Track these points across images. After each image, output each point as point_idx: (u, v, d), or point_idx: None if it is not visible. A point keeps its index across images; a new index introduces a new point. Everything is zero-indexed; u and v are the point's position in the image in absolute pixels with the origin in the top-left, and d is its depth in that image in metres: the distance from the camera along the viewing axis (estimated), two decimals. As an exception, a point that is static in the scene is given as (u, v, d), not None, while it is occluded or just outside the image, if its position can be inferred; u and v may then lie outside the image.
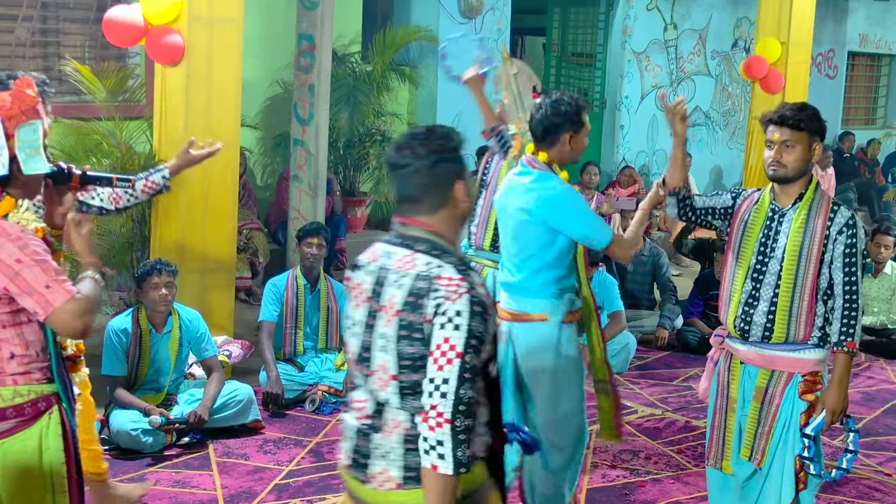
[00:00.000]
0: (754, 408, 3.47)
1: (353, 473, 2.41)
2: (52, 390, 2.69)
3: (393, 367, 2.29)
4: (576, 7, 11.41)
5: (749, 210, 3.51)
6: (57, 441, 2.68)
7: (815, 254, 3.35)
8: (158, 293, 4.91)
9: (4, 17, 7.24)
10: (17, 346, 2.62)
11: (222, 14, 5.72)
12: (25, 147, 2.58)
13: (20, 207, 2.66)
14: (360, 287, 2.41)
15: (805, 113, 3.37)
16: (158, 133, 5.80)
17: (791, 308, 3.38)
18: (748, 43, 11.97)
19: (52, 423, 2.68)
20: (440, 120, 9.60)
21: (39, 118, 2.63)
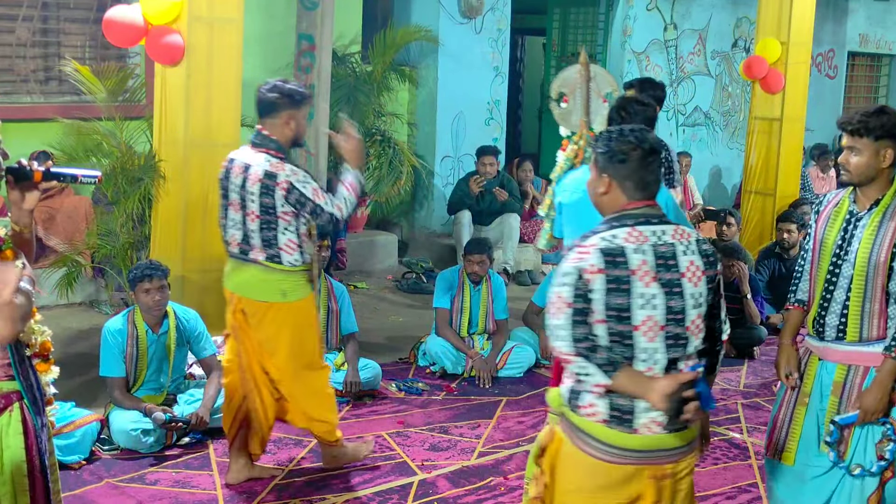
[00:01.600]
0: (833, 402, 3.49)
1: (674, 427, 2.77)
2: (11, 388, 2.65)
3: (705, 316, 2.83)
4: (576, 7, 11.41)
5: (830, 213, 3.55)
6: (17, 439, 2.66)
7: (884, 260, 3.36)
8: (151, 298, 4.89)
9: (4, 17, 7.24)
10: None
11: (222, 14, 5.72)
12: None
13: None
14: (644, 267, 2.73)
15: (872, 119, 3.37)
16: (158, 133, 5.80)
17: (862, 312, 3.41)
18: (748, 43, 11.96)
19: (12, 421, 2.65)
20: (440, 120, 9.60)
21: None
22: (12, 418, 2.66)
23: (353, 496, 4.44)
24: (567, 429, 2.82)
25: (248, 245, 4.25)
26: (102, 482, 4.48)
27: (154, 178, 5.73)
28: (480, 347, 6.29)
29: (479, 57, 9.78)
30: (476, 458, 4.94)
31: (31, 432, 2.70)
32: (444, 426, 5.35)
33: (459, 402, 5.79)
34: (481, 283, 6.37)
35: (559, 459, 2.85)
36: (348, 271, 8.39)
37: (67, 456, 4.58)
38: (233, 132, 5.93)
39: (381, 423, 5.36)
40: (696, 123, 11.99)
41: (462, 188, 8.80)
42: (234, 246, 4.30)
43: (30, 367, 2.77)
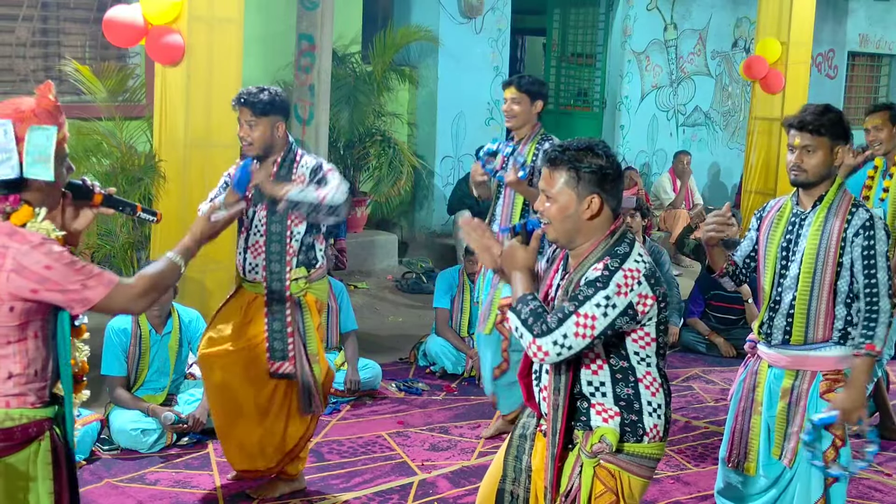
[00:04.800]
0: (782, 407, 3.47)
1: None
2: (45, 415, 2.56)
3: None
4: (576, 7, 11.41)
5: (773, 217, 3.54)
6: (45, 469, 2.56)
7: (832, 256, 3.34)
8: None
9: (4, 17, 7.24)
10: (16, 365, 2.51)
11: (222, 14, 5.72)
12: (33, 151, 2.52)
13: (38, 216, 2.56)
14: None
15: (826, 117, 3.35)
16: (158, 133, 5.80)
17: (809, 311, 3.40)
18: (748, 43, 11.97)
19: (41, 451, 2.56)
20: (440, 120, 9.60)
21: (55, 124, 2.57)
22: (41, 447, 2.56)
23: (353, 496, 4.44)
24: (625, 463, 2.72)
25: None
26: (102, 482, 4.47)
27: (154, 178, 5.73)
28: (480, 347, 6.29)
29: (479, 57, 9.79)
30: (476, 458, 4.94)
31: (62, 460, 2.61)
32: (444, 426, 5.35)
33: (459, 402, 5.79)
34: None
35: (629, 499, 2.74)
36: (348, 271, 8.39)
37: (67, 456, 4.58)
38: (233, 132, 5.88)
39: (381, 423, 5.36)
40: (696, 123, 12.00)
41: (462, 188, 8.79)
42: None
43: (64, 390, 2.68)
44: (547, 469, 2.76)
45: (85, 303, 2.47)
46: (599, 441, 2.69)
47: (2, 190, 2.50)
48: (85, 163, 5.99)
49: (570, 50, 11.55)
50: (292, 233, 4.16)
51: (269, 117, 4.10)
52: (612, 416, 2.70)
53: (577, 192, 2.66)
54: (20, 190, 2.51)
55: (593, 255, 2.68)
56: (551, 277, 2.84)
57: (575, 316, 2.57)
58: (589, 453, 2.70)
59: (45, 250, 2.44)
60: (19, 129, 2.49)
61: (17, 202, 2.51)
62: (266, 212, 4.15)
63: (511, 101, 4.99)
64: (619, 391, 2.70)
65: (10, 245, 2.43)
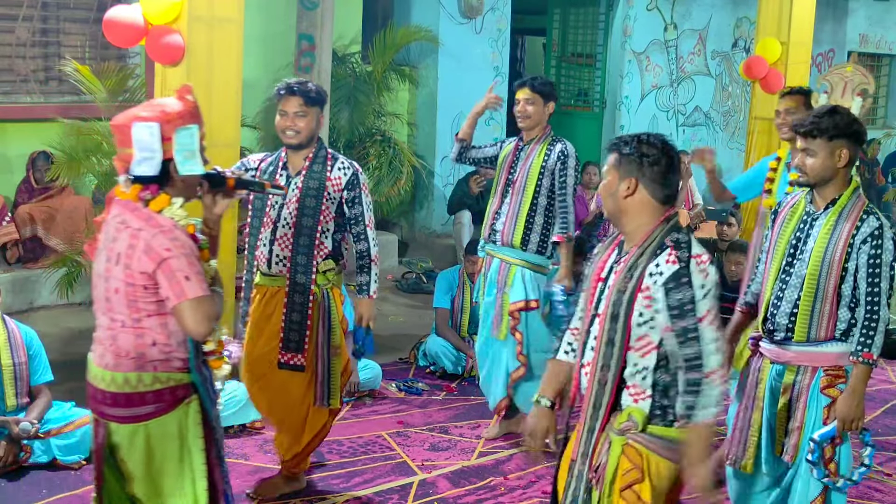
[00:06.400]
0: (783, 404, 3.50)
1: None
2: (189, 380, 2.85)
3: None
4: (576, 7, 11.41)
5: (786, 213, 3.56)
6: (196, 428, 2.86)
7: (838, 260, 3.36)
8: None
9: (4, 17, 7.24)
10: (159, 335, 2.79)
11: (222, 14, 5.71)
12: (182, 149, 2.79)
13: (173, 205, 2.82)
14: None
15: (824, 120, 3.37)
16: (158, 133, 5.80)
17: (812, 311, 3.42)
18: (748, 43, 11.96)
19: (191, 411, 2.86)
20: (440, 120, 9.60)
21: (196, 122, 2.86)
22: (191, 408, 2.86)
23: (353, 496, 4.44)
24: (653, 444, 2.77)
25: None
26: (102, 482, 4.47)
27: (154, 178, 5.73)
28: (480, 347, 6.28)
29: (479, 57, 9.79)
30: (476, 458, 4.94)
31: (208, 423, 2.89)
32: (444, 426, 5.35)
33: (459, 402, 5.79)
34: None
35: (656, 479, 2.78)
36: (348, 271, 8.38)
37: (67, 456, 4.58)
38: (233, 132, 5.92)
39: (381, 423, 5.36)
40: (696, 123, 11.99)
41: (462, 188, 8.80)
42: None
43: (203, 363, 2.92)
44: (580, 441, 2.84)
45: (180, 295, 2.70)
46: (627, 419, 2.78)
47: (145, 180, 2.78)
48: (85, 163, 5.99)
49: (570, 50, 11.55)
50: (323, 229, 4.21)
51: (316, 108, 4.19)
52: (643, 398, 2.78)
53: (619, 174, 2.82)
54: (161, 182, 2.80)
55: (650, 240, 2.78)
56: (604, 259, 2.92)
57: (700, 323, 2.71)
58: (617, 431, 2.78)
59: (171, 236, 2.73)
60: (166, 129, 2.78)
61: (155, 191, 2.80)
62: (297, 205, 4.19)
63: (525, 101, 5.02)
64: (658, 376, 2.77)
65: (145, 228, 2.74)
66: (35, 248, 7.10)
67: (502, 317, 5.01)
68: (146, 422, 2.82)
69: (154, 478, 2.87)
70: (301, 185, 4.18)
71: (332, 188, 4.20)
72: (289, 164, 4.26)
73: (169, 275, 2.70)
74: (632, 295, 2.74)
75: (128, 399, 2.82)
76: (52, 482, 4.45)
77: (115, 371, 2.83)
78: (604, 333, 2.80)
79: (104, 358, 2.86)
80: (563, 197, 4.96)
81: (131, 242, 2.75)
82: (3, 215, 6.94)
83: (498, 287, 5.03)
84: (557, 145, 4.98)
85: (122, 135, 2.82)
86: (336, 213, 4.25)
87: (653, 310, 2.73)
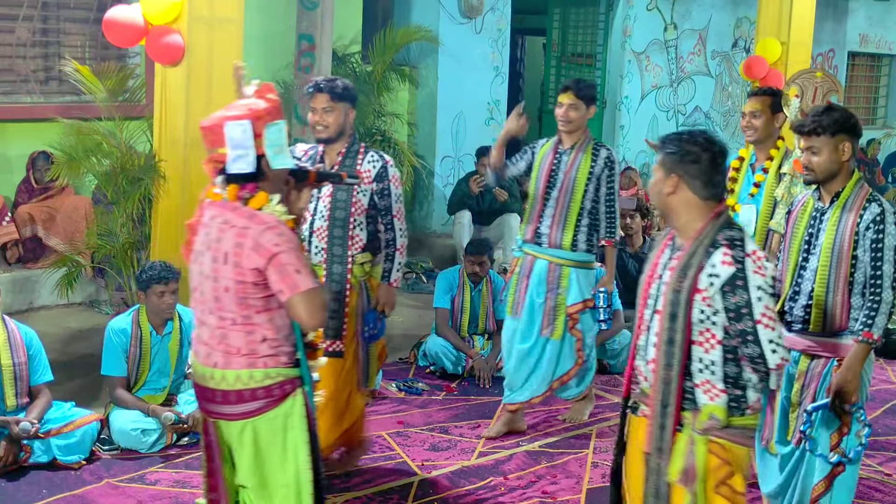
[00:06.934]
0: (796, 389, 3.65)
1: None
2: (296, 374, 2.95)
3: None
4: (576, 7, 11.41)
5: (798, 212, 3.72)
6: (301, 422, 2.94)
7: (847, 250, 3.52)
8: (164, 301, 4.90)
9: (4, 17, 7.24)
10: (268, 331, 2.88)
11: (222, 14, 5.71)
12: (272, 145, 2.90)
13: (272, 201, 2.93)
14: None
15: (823, 117, 3.52)
16: (158, 133, 5.80)
17: (826, 302, 3.57)
18: (748, 43, 11.96)
19: (296, 405, 2.94)
20: (440, 120, 9.60)
21: (282, 118, 2.95)
22: (296, 402, 2.94)
23: (353, 496, 4.44)
24: (734, 436, 2.85)
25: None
26: (102, 482, 4.48)
27: (154, 178, 5.73)
28: (480, 347, 6.29)
29: (479, 57, 9.79)
30: (476, 458, 4.94)
31: (311, 415, 2.97)
32: (444, 426, 5.35)
33: (459, 402, 5.79)
34: (481, 283, 6.37)
35: (739, 468, 2.88)
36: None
37: (67, 456, 4.59)
38: (233, 132, 5.92)
39: (381, 423, 5.36)
40: (696, 123, 11.98)
41: (462, 188, 8.80)
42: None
43: (305, 355, 3.02)
44: (652, 437, 2.89)
45: (293, 288, 2.79)
46: (709, 418, 2.82)
47: (240, 179, 2.89)
48: (85, 163, 5.99)
49: (570, 50, 11.55)
50: (356, 221, 4.39)
51: (344, 103, 4.37)
52: (717, 394, 2.83)
53: (663, 171, 2.89)
54: (256, 179, 2.90)
55: (702, 237, 2.83)
56: (658, 255, 2.99)
57: (758, 325, 2.76)
58: (700, 431, 2.83)
59: (277, 231, 2.82)
60: (257, 126, 2.87)
61: (253, 189, 2.90)
62: (331, 199, 4.38)
63: (569, 106, 5.08)
64: (728, 369, 2.83)
65: (251, 226, 2.83)
66: (35, 248, 7.09)
67: (556, 317, 5.12)
68: (254, 418, 2.91)
69: (260, 470, 2.96)
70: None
71: (363, 181, 4.39)
72: (325, 158, 4.45)
73: (280, 269, 2.79)
74: (689, 295, 2.80)
75: (239, 396, 2.90)
76: (52, 482, 4.45)
77: (226, 369, 2.91)
78: (664, 332, 2.85)
79: (211, 357, 2.94)
80: (611, 203, 5.15)
81: (238, 241, 2.84)
82: (3, 215, 6.94)
83: (549, 288, 5.12)
84: (602, 151, 5.12)
85: (214, 135, 2.94)
86: (368, 205, 4.43)
87: (712, 309, 2.79)
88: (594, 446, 5.13)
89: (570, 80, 5.24)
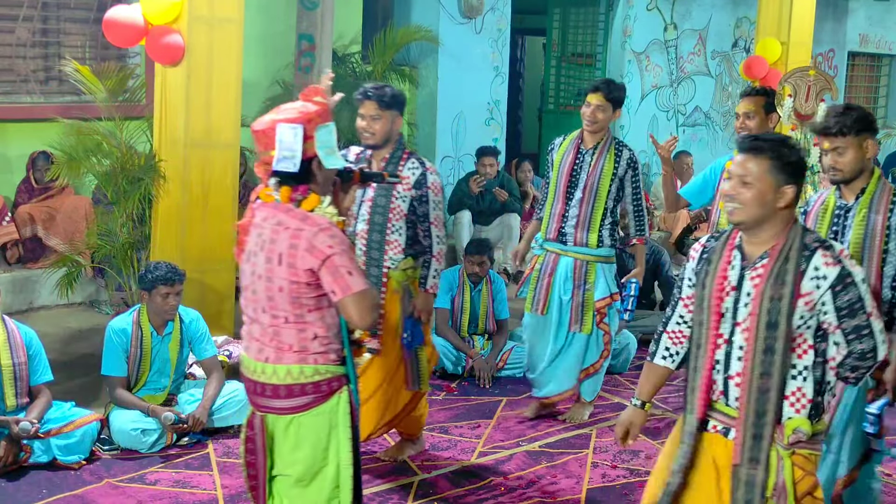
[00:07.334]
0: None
1: None
2: (343, 371, 3.02)
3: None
4: (576, 7, 11.41)
5: (818, 210, 3.74)
6: (345, 418, 3.01)
7: (878, 245, 3.56)
8: (168, 303, 4.91)
9: (4, 17, 7.24)
10: (319, 328, 2.96)
11: (222, 14, 5.72)
12: (324, 146, 2.99)
13: (323, 203, 3.01)
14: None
15: (846, 116, 3.55)
16: (158, 133, 5.81)
17: None
18: (748, 43, 11.96)
19: (341, 402, 3.01)
20: (440, 120, 9.60)
21: (331, 120, 3.05)
22: (341, 399, 3.01)
23: (353, 496, 4.44)
24: (814, 444, 2.87)
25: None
26: (102, 482, 4.48)
27: (154, 178, 5.73)
28: (480, 347, 6.29)
29: (479, 57, 9.78)
30: (476, 458, 4.94)
31: (354, 414, 3.05)
32: (444, 426, 5.35)
33: (459, 402, 5.79)
34: (481, 283, 6.37)
35: (814, 471, 2.91)
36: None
37: (67, 456, 4.59)
38: (233, 132, 5.93)
39: (381, 423, 5.36)
40: (696, 123, 11.99)
41: (462, 188, 8.79)
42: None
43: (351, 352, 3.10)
44: (743, 447, 2.84)
45: (345, 289, 2.87)
46: (794, 433, 2.81)
47: (292, 182, 2.95)
48: (85, 163, 5.98)
49: (570, 50, 11.54)
50: (394, 226, 4.46)
51: (391, 111, 4.48)
52: (805, 404, 2.83)
53: (775, 181, 2.80)
54: (308, 181, 2.97)
55: (789, 243, 2.82)
56: (723, 268, 2.92)
57: (871, 318, 2.80)
58: (786, 446, 2.82)
59: (330, 233, 2.90)
60: (308, 129, 2.96)
61: (305, 192, 2.98)
62: (371, 203, 4.47)
63: (597, 107, 5.12)
64: (818, 374, 2.84)
65: (304, 228, 2.90)
66: (35, 248, 7.09)
67: (585, 312, 5.24)
68: (300, 413, 2.99)
69: (301, 462, 3.03)
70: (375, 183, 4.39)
71: (402, 187, 4.45)
72: (372, 163, 4.52)
73: (333, 271, 2.87)
74: (790, 301, 2.78)
75: (289, 391, 2.98)
76: (52, 482, 4.45)
77: (278, 364, 2.98)
78: (758, 342, 2.81)
79: (263, 353, 3.02)
80: (637, 201, 5.25)
81: (292, 242, 2.90)
82: (3, 215, 6.93)
83: (576, 284, 5.23)
84: (624, 152, 5.18)
85: (267, 138, 2.96)
86: (408, 211, 4.50)
87: (813, 313, 2.79)
88: (594, 446, 5.13)
89: (601, 81, 5.28)
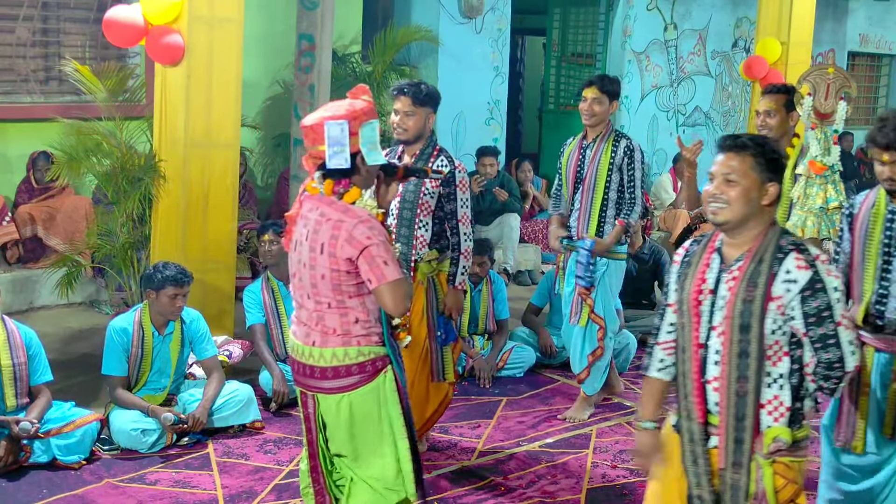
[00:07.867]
0: (892, 391, 3.58)
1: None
2: (385, 351, 3.18)
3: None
4: (576, 7, 11.41)
5: (868, 214, 3.65)
6: (393, 395, 3.18)
7: None
8: (174, 304, 4.91)
9: (4, 17, 7.24)
10: (360, 313, 3.13)
11: (222, 14, 5.72)
12: (367, 143, 3.15)
13: (364, 196, 3.17)
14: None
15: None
16: (158, 133, 5.81)
17: None
18: (748, 43, 11.96)
19: (387, 380, 3.18)
20: (440, 120, 9.56)
21: (376, 118, 3.18)
22: (387, 378, 3.18)
23: (353, 496, 4.44)
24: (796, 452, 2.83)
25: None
26: (102, 482, 4.48)
27: (154, 178, 5.73)
28: (480, 347, 6.29)
29: (479, 57, 9.79)
30: (476, 458, 4.94)
31: (402, 389, 3.21)
32: (444, 426, 5.35)
33: (459, 402, 5.78)
34: (481, 283, 6.36)
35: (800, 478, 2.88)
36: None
37: (67, 456, 4.59)
38: (233, 132, 5.93)
39: (381, 423, 5.36)
40: (696, 123, 11.99)
41: (462, 188, 8.80)
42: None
43: (392, 336, 3.23)
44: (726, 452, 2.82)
45: (381, 278, 3.03)
46: (773, 441, 2.78)
47: (336, 175, 3.11)
48: (85, 163, 5.99)
49: (570, 50, 11.54)
50: (421, 221, 4.54)
51: (426, 108, 4.51)
52: (783, 412, 2.80)
53: (759, 178, 2.78)
54: (350, 175, 3.13)
55: (765, 245, 2.78)
56: (702, 270, 2.88)
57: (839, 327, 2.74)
58: (765, 455, 2.79)
59: (369, 225, 3.06)
60: (353, 126, 3.10)
61: (347, 185, 3.13)
62: (400, 198, 4.49)
63: (592, 101, 5.18)
64: (794, 381, 2.80)
65: (345, 219, 3.06)
66: (35, 248, 7.10)
67: (583, 304, 5.32)
68: (350, 392, 3.14)
69: (357, 440, 3.19)
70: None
71: (431, 183, 4.51)
72: (403, 158, 4.58)
73: (370, 260, 3.03)
74: (762, 304, 2.73)
75: (335, 372, 3.14)
76: (52, 482, 4.45)
77: (324, 347, 3.14)
78: (732, 345, 2.78)
79: (310, 336, 3.18)
80: (631, 189, 5.25)
81: (334, 233, 3.06)
82: (3, 215, 6.94)
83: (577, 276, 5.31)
84: (622, 141, 5.22)
85: (315, 133, 3.11)
86: (436, 207, 4.57)
87: (786, 317, 2.74)
88: (594, 446, 5.13)
89: (595, 76, 5.38)
